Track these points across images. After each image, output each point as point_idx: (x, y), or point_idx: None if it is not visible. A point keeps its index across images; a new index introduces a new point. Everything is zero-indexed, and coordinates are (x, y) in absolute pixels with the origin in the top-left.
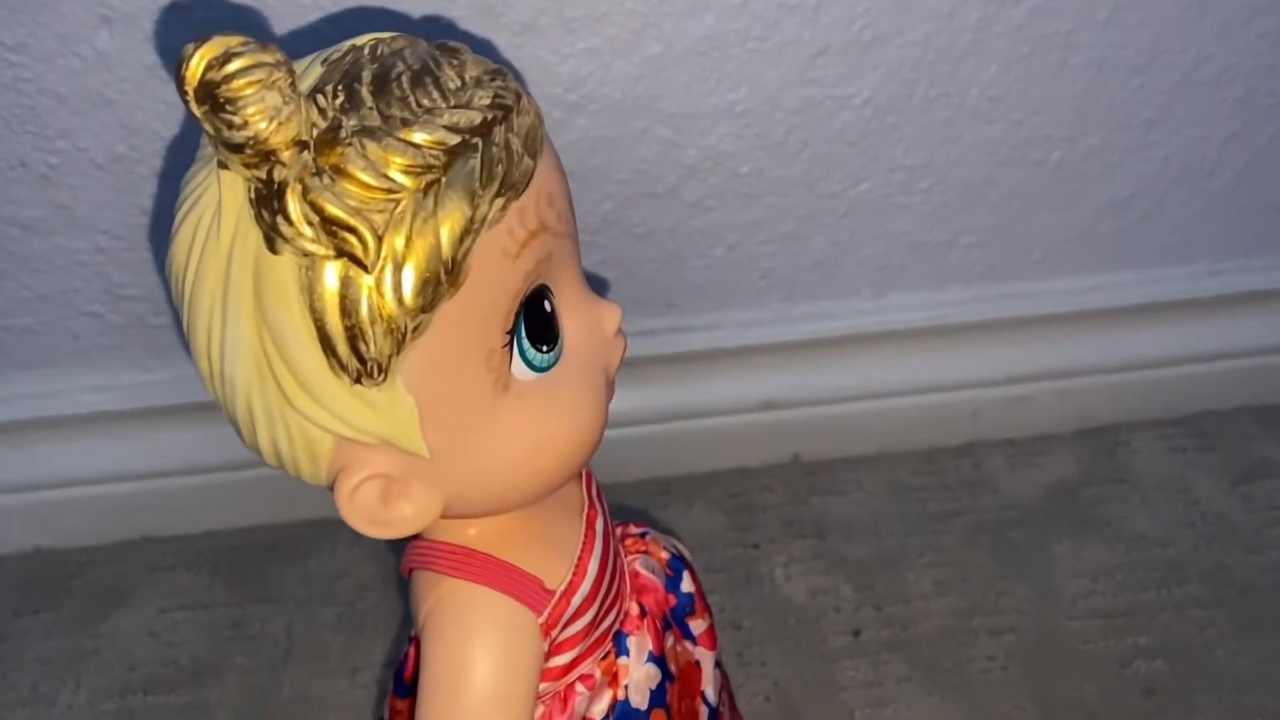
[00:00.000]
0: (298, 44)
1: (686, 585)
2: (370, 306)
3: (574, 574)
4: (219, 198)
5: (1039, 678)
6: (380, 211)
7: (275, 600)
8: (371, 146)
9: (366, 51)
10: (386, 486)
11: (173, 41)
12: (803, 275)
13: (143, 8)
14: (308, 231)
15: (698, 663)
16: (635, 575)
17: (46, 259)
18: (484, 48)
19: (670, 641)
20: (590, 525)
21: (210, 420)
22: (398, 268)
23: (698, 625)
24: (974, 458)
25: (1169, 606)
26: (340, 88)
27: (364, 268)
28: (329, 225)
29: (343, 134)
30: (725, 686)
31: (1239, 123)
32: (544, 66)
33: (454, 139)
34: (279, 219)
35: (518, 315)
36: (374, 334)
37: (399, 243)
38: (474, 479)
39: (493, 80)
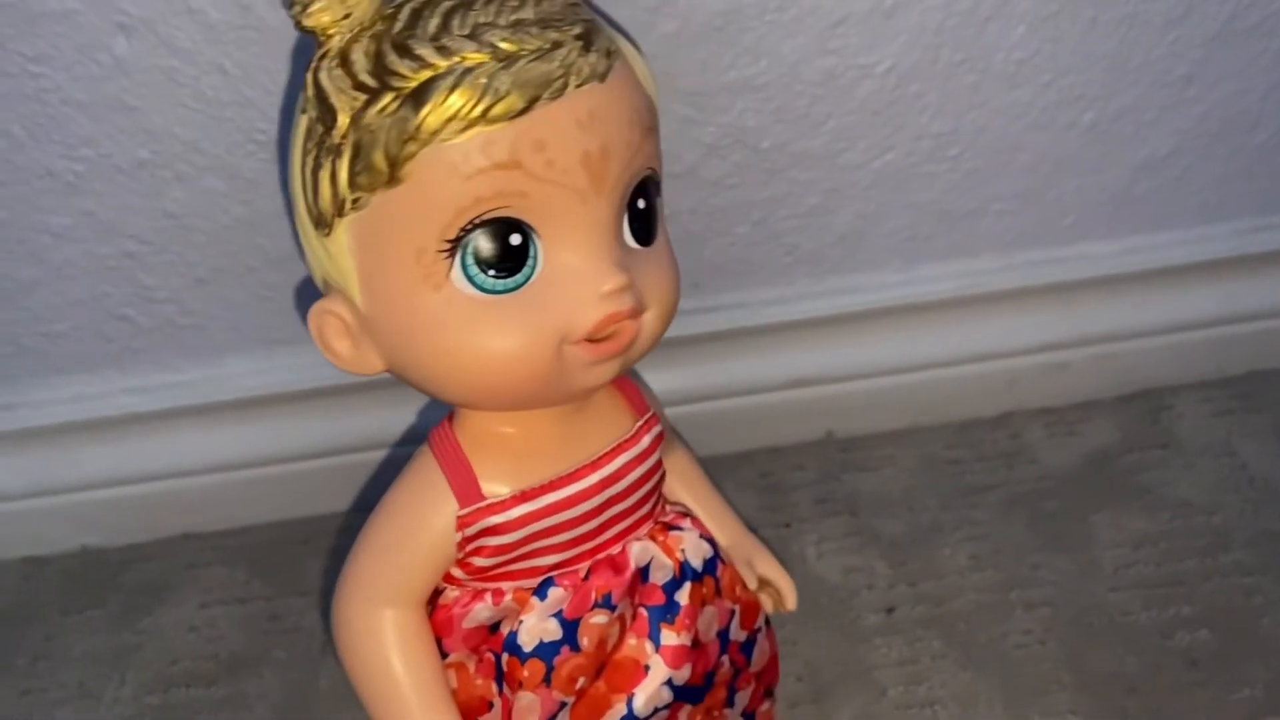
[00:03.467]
0: None
1: (682, 597)
2: (326, 171)
3: (510, 499)
4: None
5: (1077, 651)
6: (358, 99)
7: (311, 593)
8: (372, 49)
9: None
10: (343, 326)
11: (189, 45)
12: (829, 250)
13: (158, 12)
14: (311, 96)
15: (647, 667)
16: (621, 552)
17: (77, 265)
18: None
19: (601, 619)
20: (573, 476)
21: (239, 418)
22: (349, 147)
23: (669, 637)
24: (1011, 428)
25: (1213, 575)
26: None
27: (330, 138)
28: (319, 97)
29: (365, 34)
30: None
31: None
32: None
33: (436, 59)
34: (306, 82)
35: (465, 231)
36: (324, 193)
37: (359, 128)
38: (397, 353)
39: (533, 26)
